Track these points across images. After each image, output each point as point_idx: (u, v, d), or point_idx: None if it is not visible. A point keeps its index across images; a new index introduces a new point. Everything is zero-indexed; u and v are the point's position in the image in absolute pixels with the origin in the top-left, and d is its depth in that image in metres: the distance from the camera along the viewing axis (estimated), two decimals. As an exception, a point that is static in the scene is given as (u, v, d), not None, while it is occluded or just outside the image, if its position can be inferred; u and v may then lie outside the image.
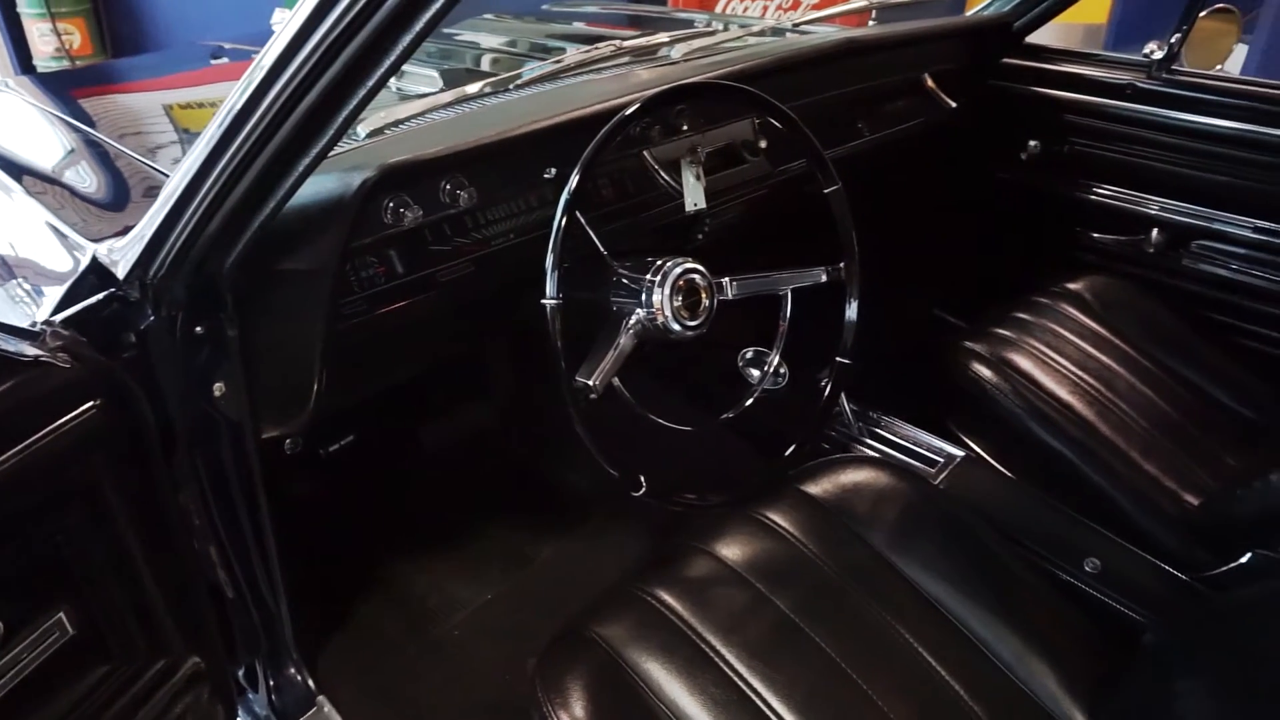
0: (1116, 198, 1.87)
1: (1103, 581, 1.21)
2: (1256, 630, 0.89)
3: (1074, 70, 1.87)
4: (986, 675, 1.03)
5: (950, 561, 1.11)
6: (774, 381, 1.34)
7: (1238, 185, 1.72)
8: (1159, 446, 1.39)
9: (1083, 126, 1.86)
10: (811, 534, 1.13)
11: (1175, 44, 1.69)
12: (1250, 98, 1.69)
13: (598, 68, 1.46)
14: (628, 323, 1.09)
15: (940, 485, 1.36)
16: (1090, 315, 1.64)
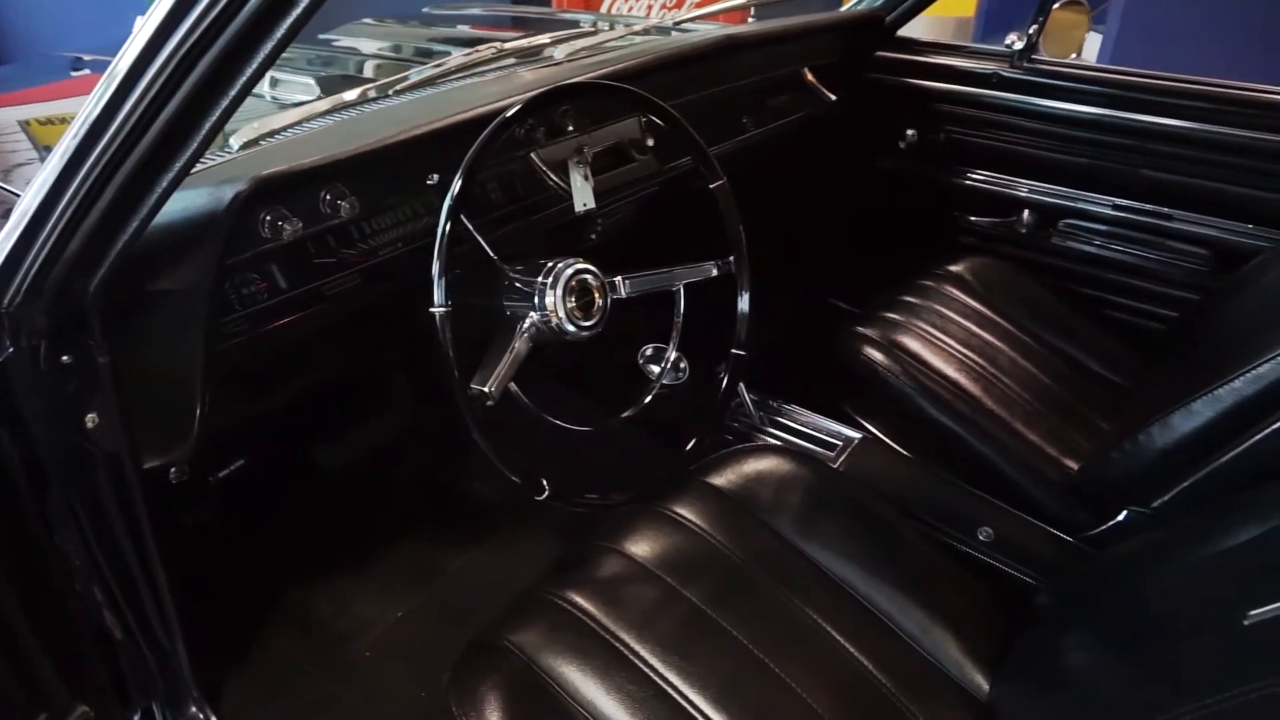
0: (989, 182, 1.97)
1: (996, 549, 1.26)
2: (1133, 580, 0.95)
3: (943, 61, 1.95)
4: (893, 648, 1.06)
5: (853, 541, 1.15)
6: (674, 377, 1.36)
7: (1097, 166, 1.82)
8: (1040, 416, 1.47)
9: (954, 115, 1.94)
10: (718, 525, 1.14)
11: (1033, 35, 1.79)
12: (1104, 84, 1.81)
13: (480, 70, 1.44)
14: (522, 326, 1.08)
15: (840, 468, 1.40)
16: (972, 295, 1.72)
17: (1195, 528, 0.92)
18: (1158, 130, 1.75)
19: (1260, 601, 0.68)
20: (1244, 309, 1.38)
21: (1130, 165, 1.80)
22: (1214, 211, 1.74)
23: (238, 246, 0.97)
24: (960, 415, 1.42)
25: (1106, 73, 1.85)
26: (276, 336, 1.05)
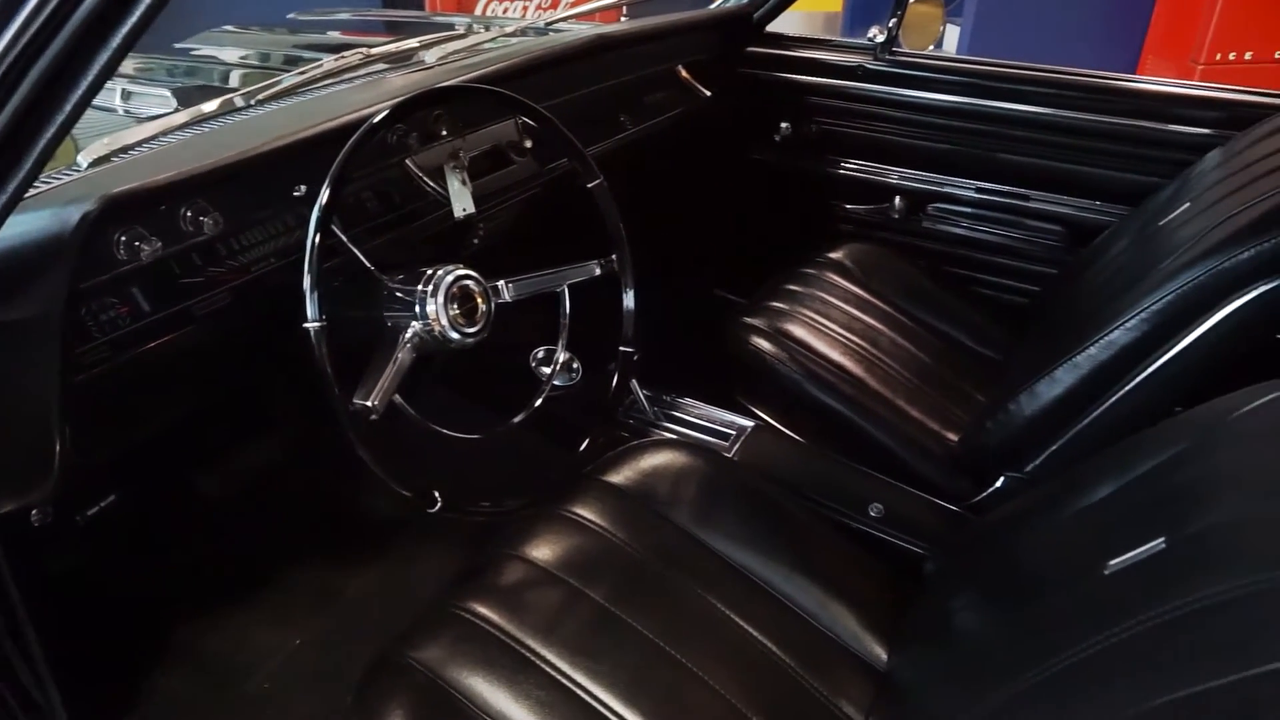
0: (862, 170, 2.04)
1: (887, 523, 1.31)
2: (1008, 541, 1.00)
3: (811, 55, 2.01)
4: (794, 628, 1.09)
5: (750, 527, 1.17)
6: (568, 378, 1.36)
7: (959, 152, 1.92)
8: (920, 393, 1.53)
9: (825, 107, 2.01)
10: (618, 522, 1.15)
11: (893, 28, 1.86)
12: (962, 74, 1.90)
13: (348, 77, 1.41)
14: (404, 337, 1.06)
15: (734, 457, 1.42)
16: (851, 280, 1.78)
17: (1061, 487, 0.97)
18: (1013, 116, 1.85)
19: (1118, 552, 0.73)
20: (1095, 281, 1.47)
21: (989, 150, 1.90)
22: (1066, 191, 1.85)
23: (91, 270, 0.92)
24: (846, 397, 1.47)
25: (964, 63, 1.94)
26: (144, 362, 1.00)
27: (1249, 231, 1.10)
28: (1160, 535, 0.71)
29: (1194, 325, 1.14)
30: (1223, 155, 1.47)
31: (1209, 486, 0.74)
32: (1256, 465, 0.73)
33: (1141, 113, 1.75)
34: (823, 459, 1.44)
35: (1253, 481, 0.71)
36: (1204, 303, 1.12)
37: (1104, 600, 0.70)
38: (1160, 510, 0.75)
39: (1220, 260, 1.10)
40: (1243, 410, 0.82)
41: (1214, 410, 0.85)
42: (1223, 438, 0.80)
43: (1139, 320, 1.16)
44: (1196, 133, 1.69)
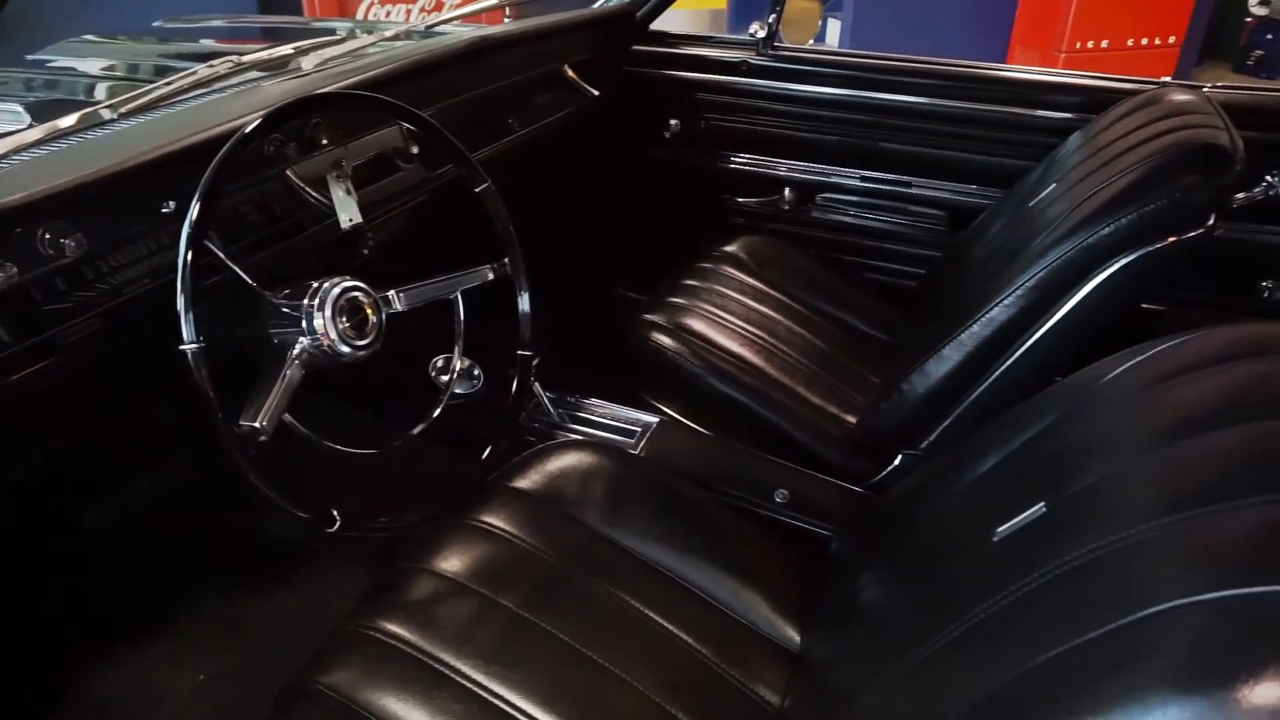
0: (752, 164, 2.08)
1: (792, 508, 1.34)
2: (906, 517, 1.04)
3: (695, 52, 2.04)
4: (709, 618, 1.10)
5: (659, 522, 1.18)
6: (470, 385, 1.34)
7: (844, 143, 1.98)
8: (819, 378, 1.57)
9: (711, 103, 2.04)
10: (527, 527, 1.14)
11: (773, 24, 1.91)
12: (843, 67, 1.96)
13: (221, 86, 1.35)
14: (292, 354, 1.03)
15: (641, 453, 1.43)
16: (747, 272, 1.81)
17: (952, 461, 1.01)
18: (893, 106, 1.92)
19: (1004, 519, 0.77)
20: (975, 261, 1.54)
21: (872, 140, 1.96)
22: (946, 176, 1.93)
23: None
24: (747, 387, 1.50)
25: (845, 56, 2.00)
26: (8, 397, 0.94)
27: (1108, 208, 1.16)
28: (1040, 500, 0.75)
29: (1065, 298, 1.20)
30: (1083, 137, 1.55)
31: (1083, 450, 0.78)
32: (1124, 426, 0.78)
33: (1011, 100, 1.84)
34: (727, 449, 1.46)
35: (1122, 442, 0.75)
36: (1073, 277, 1.19)
37: (992, 566, 0.73)
38: (1039, 476, 0.79)
39: (1085, 236, 1.17)
40: (1110, 375, 0.87)
41: (1084, 378, 0.90)
42: (1093, 403, 0.85)
43: (1015, 297, 1.22)
44: (1060, 117, 1.78)
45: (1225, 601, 0.51)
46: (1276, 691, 0.45)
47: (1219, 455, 0.65)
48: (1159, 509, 0.62)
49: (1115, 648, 0.54)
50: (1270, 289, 1.74)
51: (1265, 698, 0.45)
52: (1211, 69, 6.20)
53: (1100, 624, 0.56)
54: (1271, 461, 0.61)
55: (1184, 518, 0.60)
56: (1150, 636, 0.53)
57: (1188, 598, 0.53)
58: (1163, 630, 0.52)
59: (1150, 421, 0.74)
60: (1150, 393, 0.79)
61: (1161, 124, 1.31)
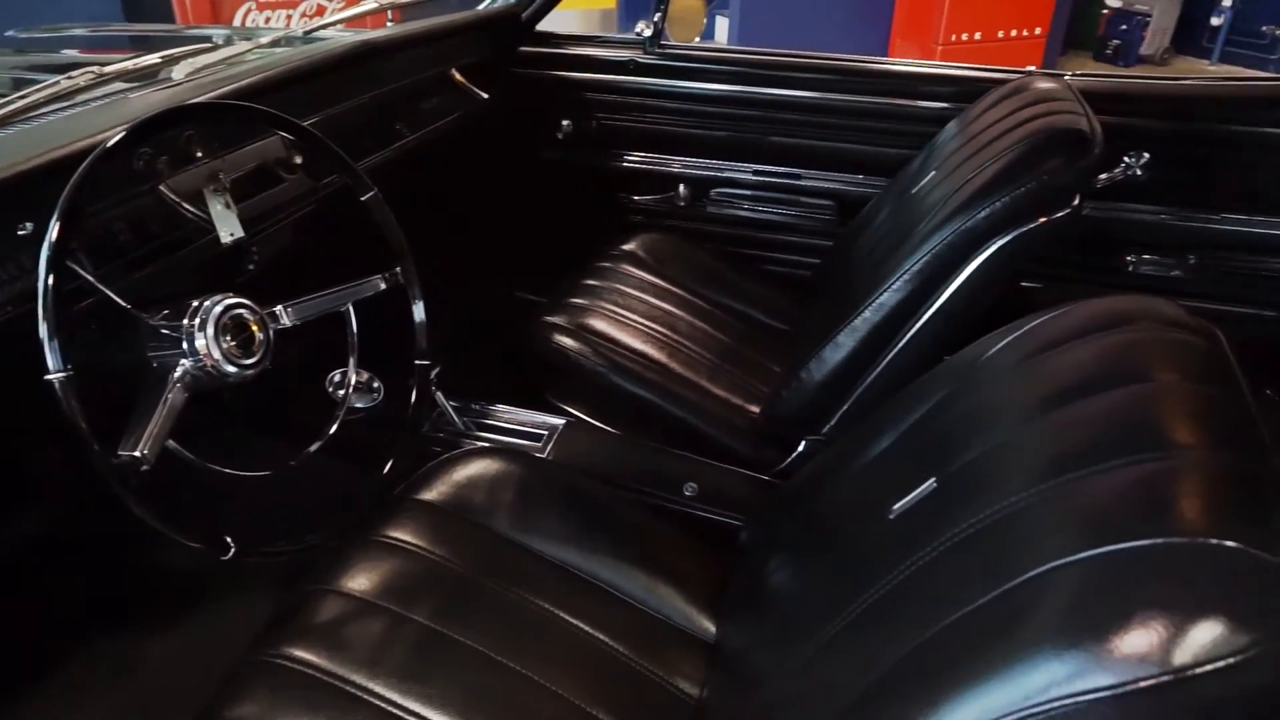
0: (645, 162, 2.09)
1: (702, 500, 1.36)
2: (809, 500, 1.06)
3: (582, 52, 2.04)
4: (624, 616, 1.10)
5: (570, 524, 1.18)
6: (369, 398, 1.31)
7: (734, 138, 2.01)
8: (722, 371, 1.59)
9: (602, 102, 2.04)
10: (435, 539, 1.12)
11: (658, 22, 1.92)
12: (731, 63, 1.99)
13: (83, 100, 1.28)
14: (174, 377, 0.98)
15: (548, 456, 1.42)
16: (646, 270, 1.82)
17: (850, 444, 1.04)
18: (781, 101, 1.96)
19: (899, 496, 0.80)
20: (864, 249, 1.59)
21: (762, 134, 2.00)
22: (834, 167, 1.99)
23: None
24: (651, 384, 1.51)
25: (731, 53, 2.04)
26: None
27: (983, 193, 1.22)
28: (932, 476, 0.78)
29: (949, 280, 1.25)
30: (958, 125, 1.62)
31: (969, 424, 0.81)
32: (1005, 399, 0.82)
33: (891, 91, 1.90)
34: (635, 446, 1.47)
35: (1003, 414, 0.79)
36: (955, 260, 1.24)
37: (890, 543, 0.76)
38: (930, 453, 0.82)
39: (963, 221, 1.22)
40: (991, 351, 0.91)
41: (968, 355, 0.94)
42: (977, 379, 0.89)
43: (903, 282, 1.27)
44: (937, 106, 1.85)
45: (1097, 559, 0.54)
46: (1144, 639, 0.48)
47: (1090, 421, 0.69)
48: (1038, 476, 0.66)
49: (1002, 611, 0.57)
50: (1134, 263, 1.85)
51: (1134, 646, 0.48)
52: (1074, 58, 6.56)
53: (988, 589, 0.59)
54: (1134, 424, 0.65)
55: (1060, 482, 0.63)
56: (1032, 598, 0.55)
57: (1065, 558, 0.56)
58: (1043, 591, 0.55)
59: (1028, 393, 0.78)
60: (1027, 366, 0.83)
61: (1027, 111, 1.38)
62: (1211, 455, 0.59)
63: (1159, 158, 1.73)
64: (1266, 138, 1.72)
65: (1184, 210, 1.81)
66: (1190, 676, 0.46)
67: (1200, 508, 0.55)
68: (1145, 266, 1.85)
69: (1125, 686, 0.48)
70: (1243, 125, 1.73)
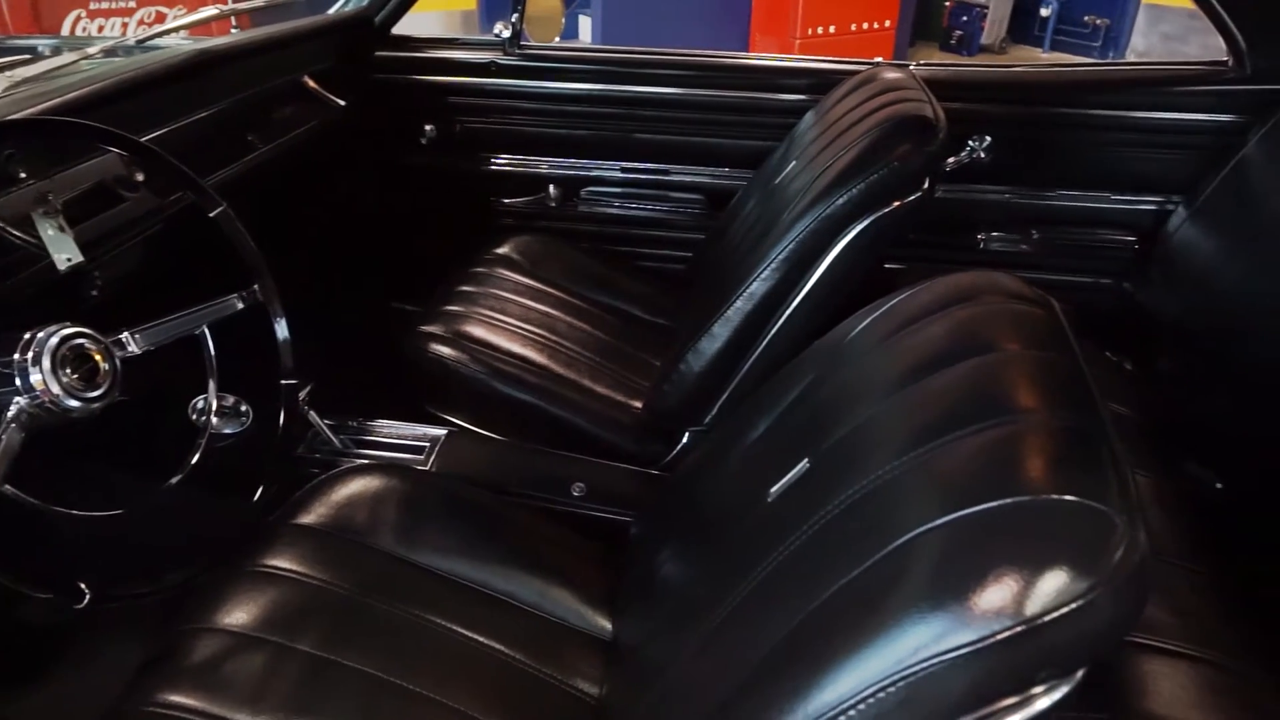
0: (513, 164, 2.08)
1: (591, 500, 1.36)
2: (693, 491, 1.08)
3: (442, 55, 2.00)
4: (520, 623, 1.09)
5: (457, 535, 1.16)
6: (238, 423, 1.25)
7: (601, 136, 2.02)
8: (603, 369, 1.60)
9: (464, 105, 2.01)
10: (316, 564, 1.08)
11: (516, 23, 1.91)
12: (594, 62, 2.00)
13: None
14: (7, 416, 0.91)
15: (431, 468, 1.39)
16: (521, 272, 1.81)
17: (728, 432, 1.07)
18: (646, 98, 1.98)
19: (776, 479, 0.82)
20: (734, 240, 1.62)
21: (628, 132, 2.01)
22: (701, 162, 2.02)
23: None
24: (533, 386, 1.50)
25: (593, 52, 2.04)
26: None
27: (841, 180, 1.26)
28: (805, 456, 0.80)
29: (815, 266, 1.29)
30: (815, 115, 1.68)
31: (837, 404, 0.84)
32: (869, 377, 0.85)
33: (752, 85, 1.95)
34: (520, 451, 1.46)
35: (869, 391, 0.82)
36: (819, 246, 1.28)
37: (769, 526, 0.78)
38: (802, 434, 0.85)
39: (824, 208, 1.26)
40: (855, 332, 0.94)
41: (834, 337, 0.97)
42: (843, 359, 0.92)
43: (771, 270, 1.30)
44: (795, 99, 1.91)
45: (955, 522, 0.57)
46: (999, 594, 0.51)
47: (944, 393, 0.72)
48: (901, 448, 0.69)
49: (873, 581, 0.59)
50: (985, 240, 1.97)
51: (990, 601, 0.51)
52: (923, 48, 6.90)
53: (860, 562, 0.61)
54: (983, 393, 0.69)
55: (921, 453, 0.67)
56: (899, 566, 0.58)
57: (927, 524, 0.58)
58: (909, 558, 0.58)
59: (889, 370, 0.82)
60: (888, 343, 0.86)
61: (877, 100, 1.44)
62: (1051, 417, 0.63)
63: (1000, 140, 1.84)
64: (1092, 119, 1.85)
65: (1025, 189, 1.93)
66: (1041, 624, 0.50)
67: (1042, 467, 0.59)
68: (994, 243, 1.97)
69: (985, 641, 0.50)
70: (1071, 108, 1.86)
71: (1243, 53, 1.72)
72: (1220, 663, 1.06)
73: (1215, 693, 1.02)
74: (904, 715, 0.53)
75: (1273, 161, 1.59)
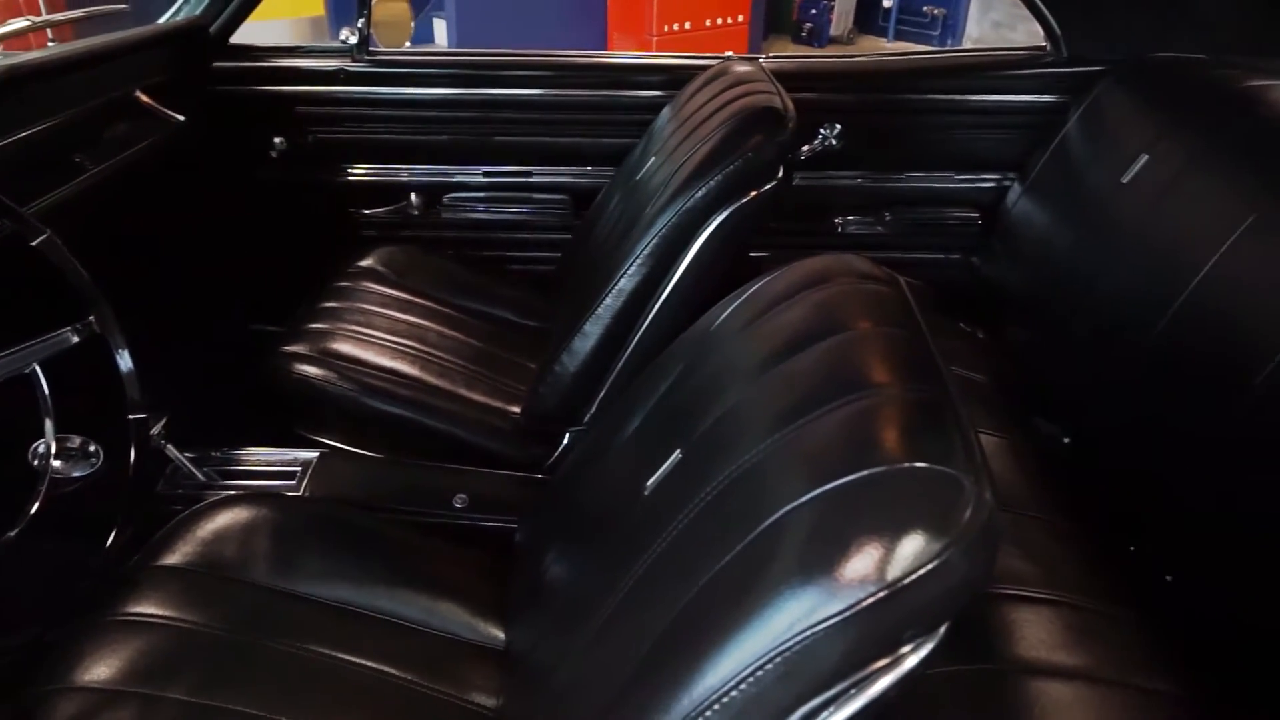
0: (372, 174, 2.02)
1: (474, 510, 1.34)
2: (574, 490, 1.08)
3: (287, 64, 1.92)
4: (408, 642, 1.06)
5: (337, 560, 1.12)
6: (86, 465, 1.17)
7: (461, 141, 1.99)
8: (479, 376, 1.57)
9: (315, 116, 1.94)
10: (184, 606, 1.02)
11: (363, 29, 1.85)
12: (450, 66, 1.96)
13: None
14: None
15: (305, 493, 1.34)
16: (387, 284, 1.76)
17: (604, 429, 1.07)
18: (504, 100, 1.96)
19: (651, 472, 0.83)
20: (600, 238, 1.63)
21: (488, 135, 1.99)
22: (563, 162, 2.02)
23: None
24: (406, 400, 1.46)
25: (447, 55, 2.01)
26: None
27: (698, 173, 1.28)
28: (677, 447, 0.81)
29: (680, 258, 1.31)
30: (671, 111, 1.70)
31: (706, 393, 0.86)
32: (736, 362, 0.87)
33: (610, 83, 1.96)
34: (397, 467, 1.42)
35: (735, 377, 0.84)
36: (682, 239, 1.30)
37: (647, 518, 0.79)
38: (674, 426, 0.86)
39: (684, 201, 1.28)
40: (720, 320, 0.96)
41: (699, 327, 0.99)
42: (709, 348, 0.94)
43: (637, 266, 1.31)
44: (652, 95, 1.93)
45: (821, 496, 0.59)
46: (863, 562, 0.53)
47: (805, 373, 0.75)
48: (767, 430, 0.71)
49: (748, 562, 0.61)
50: (842, 224, 2.05)
51: (856, 570, 0.53)
52: (777, 41, 7.12)
53: (735, 544, 0.62)
54: (839, 371, 0.71)
55: (786, 433, 0.69)
56: (771, 544, 0.60)
57: (795, 501, 0.60)
58: (780, 535, 0.60)
59: (753, 354, 0.84)
60: (749, 330, 0.88)
61: (729, 93, 1.48)
62: (902, 390, 0.67)
63: (850, 127, 1.92)
64: (933, 104, 1.96)
65: (876, 173, 2.02)
66: (903, 587, 0.52)
67: (896, 437, 0.62)
68: (852, 226, 2.05)
69: (854, 608, 0.52)
70: (914, 94, 1.95)
71: (1059, 39, 1.86)
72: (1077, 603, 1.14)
73: (1074, 631, 1.10)
74: (784, 689, 0.55)
75: (1090, 138, 1.72)
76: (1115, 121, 1.68)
